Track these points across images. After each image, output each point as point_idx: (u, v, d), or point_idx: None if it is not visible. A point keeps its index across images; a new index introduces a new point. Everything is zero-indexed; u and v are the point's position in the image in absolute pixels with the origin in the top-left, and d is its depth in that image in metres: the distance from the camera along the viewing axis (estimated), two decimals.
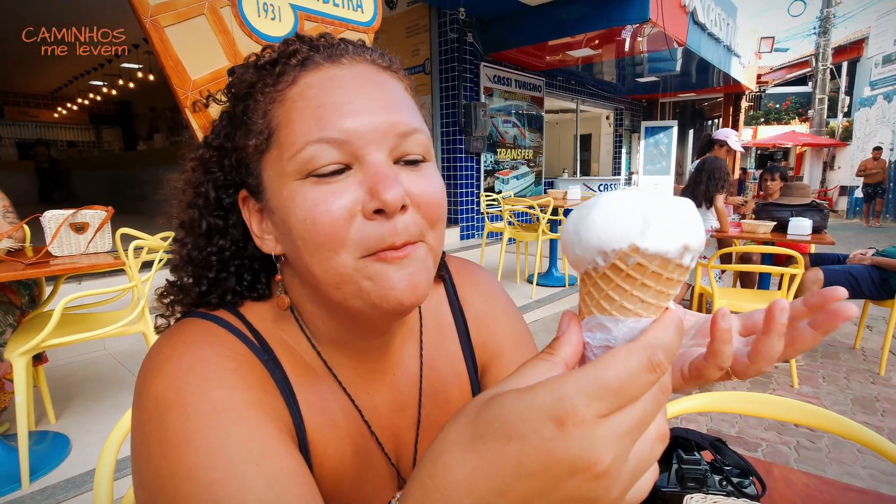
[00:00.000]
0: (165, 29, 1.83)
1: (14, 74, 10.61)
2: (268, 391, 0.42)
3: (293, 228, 0.41)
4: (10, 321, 2.11)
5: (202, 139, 0.50)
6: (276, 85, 0.43)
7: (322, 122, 0.41)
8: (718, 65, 7.20)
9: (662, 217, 0.26)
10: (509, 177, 7.11)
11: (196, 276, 0.48)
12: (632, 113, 10.40)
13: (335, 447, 0.48)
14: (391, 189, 0.39)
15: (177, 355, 0.41)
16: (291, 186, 0.41)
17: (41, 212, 2.05)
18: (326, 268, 0.41)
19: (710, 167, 3.42)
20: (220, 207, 0.48)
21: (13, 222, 2.12)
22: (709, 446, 0.68)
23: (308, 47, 0.45)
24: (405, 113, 0.44)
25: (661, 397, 0.24)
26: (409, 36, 6.52)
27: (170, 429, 0.36)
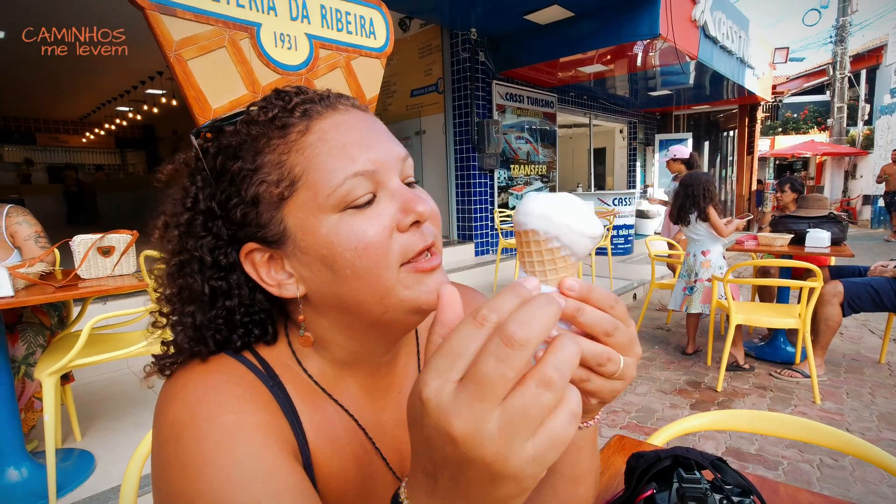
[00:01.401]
0: (188, 62, 1.92)
1: (45, 102, 11.07)
2: (273, 414, 0.45)
3: (341, 258, 0.44)
4: (41, 342, 2.20)
5: (179, 204, 0.49)
6: (287, 136, 0.46)
7: (351, 157, 0.45)
8: (732, 77, 7.17)
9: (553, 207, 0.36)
10: (523, 192, 7.14)
11: (202, 339, 0.49)
12: (646, 126, 10.38)
13: (338, 465, 0.51)
14: (422, 204, 0.47)
15: (191, 384, 0.45)
16: (331, 221, 0.44)
17: (69, 233, 2.15)
18: (375, 286, 0.45)
19: (694, 181, 3.38)
20: (219, 269, 0.49)
21: (45, 247, 2.22)
22: (709, 465, 0.69)
23: (302, 100, 0.49)
24: (398, 143, 0.51)
25: (504, 351, 0.24)
26: (421, 56, 6.66)
27: (185, 451, 0.40)
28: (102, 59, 7.33)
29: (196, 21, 1.92)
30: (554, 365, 0.25)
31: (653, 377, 3.15)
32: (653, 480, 0.69)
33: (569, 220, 0.36)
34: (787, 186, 4.23)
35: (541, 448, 0.25)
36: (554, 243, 0.36)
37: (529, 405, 0.24)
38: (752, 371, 3.16)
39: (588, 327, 0.35)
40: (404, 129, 7.18)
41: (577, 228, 0.36)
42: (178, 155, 0.52)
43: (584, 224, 0.36)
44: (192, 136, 0.50)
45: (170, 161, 0.53)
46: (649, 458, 0.70)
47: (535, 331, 0.25)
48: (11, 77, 8.39)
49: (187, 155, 0.51)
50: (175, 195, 0.50)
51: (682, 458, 0.69)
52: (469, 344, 0.26)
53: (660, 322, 4.31)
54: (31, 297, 1.77)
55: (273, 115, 0.47)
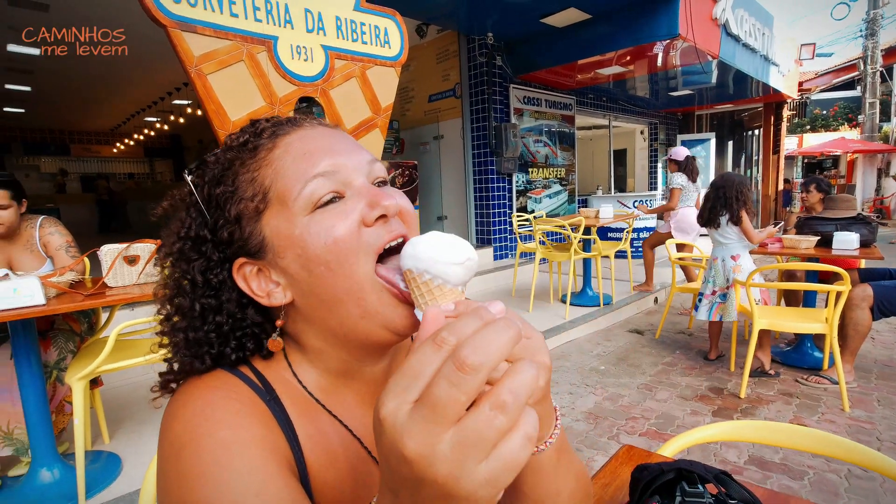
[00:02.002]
0: (208, 76, 1.98)
1: (78, 115, 11.50)
2: (269, 428, 0.47)
3: (314, 256, 0.47)
4: (71, 347, 2.28)
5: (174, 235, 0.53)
6: (256, 155, 0.51)
7: (312, 162, 0.49)
8: (755, 75, 7.00)
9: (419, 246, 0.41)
10: (542, 196, 7.11)
11: (198, 354, 0.52)
12: (667, 126, 10.21)
13: (334, 475, 0.52)
14: (389, 198, 0.49)
15: (191, 400, 0.47)
16: (303, 222, 0.48)
17: (101, 241, 2.23)
18: (350, 282, 0.47)
19: (726, 183, 3.26)
20: (209, 288, 0.52)
21: (75, 256, 2.31)
22: (713, 479, 0.68)
23: (271, 124, 0.53)
24: (365, 151, 0.54)
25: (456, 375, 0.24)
26: (439, 62, 6.70)
27: (184, 465, 0.42)
28: (131, 71, 7.61)
29: (215, 37, 1.98)
30: (509, 388, 0.25)
31: (673, 383, 3.09)
32: (656, 493, 0.68)
33: (432, 253, 0.40)
34: (813, 186, 4.12)
35: (494, 470, 0.25)
36: (425, 276, 0.40)
37: (482, 428, 0.25)
38: (777, 377, 3.08)
39: None
40: (422, 135, 7.22)
41: (442, 259, 0.40)
42: (173, 192, 0.56)
43: (448, 254, 0.40)
44: (185, 174, 0.55)
45: (165, 198, 0.57)
46: (653, 471, 0.70)
47: (488, 356, 0.25)
48: (47, 91, 8.76)
49: (181, 191, 0.55)
50: (172, 227, 0.54)
51: (685, 471, 0.69)
52: (427, 366, 0.26)
53: (681, 326, 4.23)
54: (61, 305, 1.85)
55: (244, 140, 0.52)
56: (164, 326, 0.54)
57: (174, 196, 0.55)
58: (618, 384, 3.12)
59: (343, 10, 2.45)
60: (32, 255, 2.28)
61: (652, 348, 3.74)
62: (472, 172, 6.50)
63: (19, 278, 1.82)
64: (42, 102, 9.65)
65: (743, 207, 3.20)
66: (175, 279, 0.53)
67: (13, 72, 7.37)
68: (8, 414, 2.05)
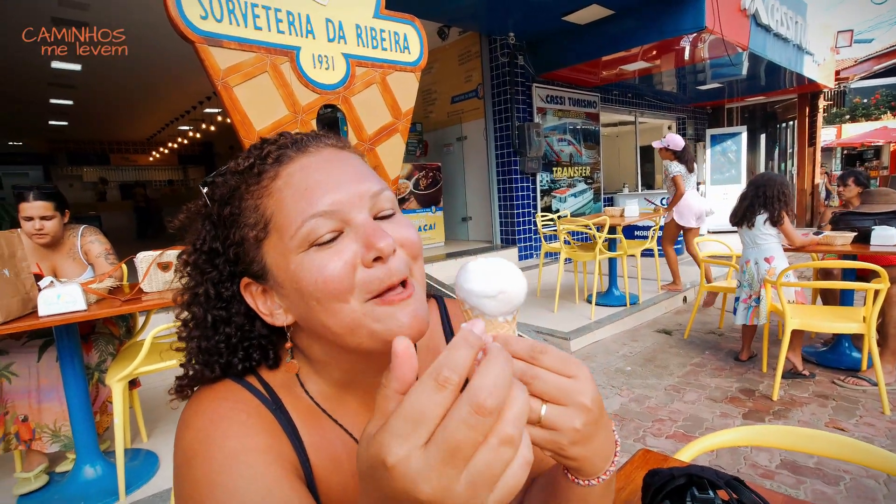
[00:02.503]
0: (234, 88, 2.05)
1: (116, 126, 12.01)
2: (275, 437, 0.50)
3: (306, 292, 0.48)
4: (111, 350, 2.40)
5: (190, 245, 0.56)
6: (260, 182, 0.51)
7: (312, 200, 0.48)
8: (788, 66, 6.77)
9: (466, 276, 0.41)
10: (567, 195, 7.04)
11: (209, 363, 0.55)
12: (696, 121, 9.96)
13: (339, 482, 0.54)
14: (383, 239, 0.47)
15: (201, 410, 0.51)
16: (297, 259, 0.48)
17: (139, 246, 2.34)
18: (340, 318, 0.48)
19: (767, 182, 3.14)
20: (221, 300, 0.54)
21: (113, 263, 2.43)
22: (724, 485, 0.68)
23: (276, 146, 0.53)
24: (370, 179, 0.53)
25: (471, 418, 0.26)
26: (461, 63, 6.72)
27: (196, 472, 0.45)
28: (164, 83, 7.91)
29: (240, 50, 2.05)
30: (512, 422, 0.27)
31: (702, 384, 3.03)
32: (667, 499, 0.68)
33: (469, 286, 0.40)
34: (851, 180, 3.96)
35: (500, 498, 0.27)
36: (466, 306, 0.41)
37: (492, 463, 0.26)
38: (812, 378, 2.98)
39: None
40: (446, 136, 7.26)
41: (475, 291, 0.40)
42: (189, 204, 0.58)
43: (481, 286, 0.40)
44: (200, 187, 0.57)
45: (182, 211, 0.59)
46: (664, 476, 0.70)
47: (503, 396, 0.27)
48: (88, 105, 9.17)
49: (197, 203, 0.57)
50: (191, 236, 0.56)
51: (696, 476, 0.69)
52: (433, 408, 0.26)
53: (711, 326, 4.13)
54: (101, 311, 1.95)
55: (250, 164, 0.53)
56: (182, 332, 0.57)
57: (189, 209, 0.58)
58: (644, 385, 3.07)
59: (363, 19, 2.49)
60: (75, 263, 2.41)
61: (680, 349, 3.67)
62: (495, 173, 6.50)
63: (63, 286, 1.93)
64: (83, 115, 10.11)
65: (784, 208, 3.08)
66: (190, 288, 0.56)
67: (57, 87, 7.75)
68: (55, 413, 2.17)
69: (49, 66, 6.60)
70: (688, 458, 0.95)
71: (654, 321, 4.41)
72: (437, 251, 6.23)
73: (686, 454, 0.96)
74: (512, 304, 0.40)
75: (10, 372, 2.15)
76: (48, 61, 6.40)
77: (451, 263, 5.50)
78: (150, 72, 7.14)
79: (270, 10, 2.15)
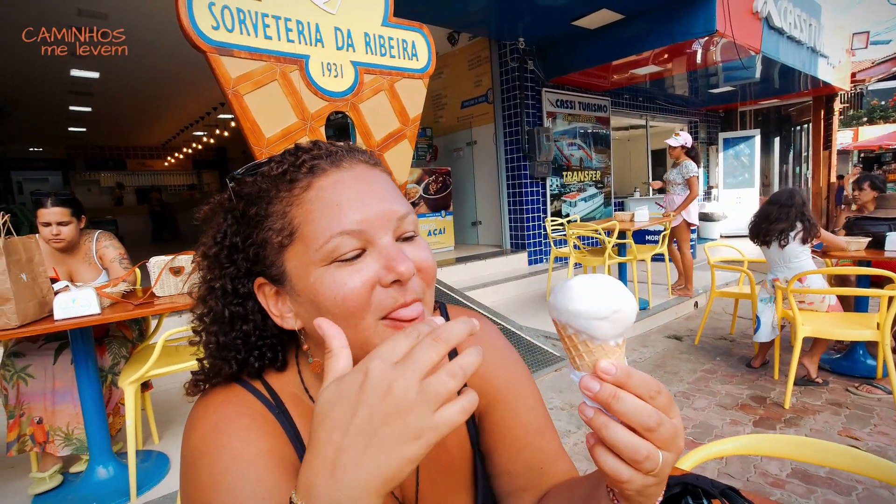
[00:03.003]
0: (244, 96, 2.09)
1: (133, 132, 12.23)
2: (278, 440, 0.52)
3: (323, 306, 0.49)
4: (124, 353, 2.44)
5: (211, 238, 0.57)
6: (292, 190, 0.52)
7: (340, 217, 0.49)
8: (802, 68, 6.68)
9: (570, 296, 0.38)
10: (577, 199, 7.02)
11: (226, 358, 0.56)
12: (708, 124, 9.87)
13: None
14: (404, 263, 0.48)
15: (207, 414, 0.52)
16: (318, 272, 0.49)
17: (155, 250, 2.39)
18: (354, 334, 0.49)
19: (794, 200, 2.97)
20: (237, 296, 0.55)
21: (127, 268, 2.48)
22: (719, 494, 0.68)
23: (311, 156, 0.54)
24: (398, 199, 0.53)
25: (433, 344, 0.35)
26: (471, 68, 6.75)
27: (200, 473, 0.47)
28: (178, 90, 8.05)
29: (250, 59, 2.09)
30: (459, 364, 0.35)
31: (713, 391, 3.00)
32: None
33: (575, 307, 0.36)
34: (867, 184, 3.91)
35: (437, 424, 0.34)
36: (569, 331, 0.38)
37: (440, 387, 0.34)
38: (825, 386, 2.93)
39: (625, 417, 0.36)
40: (456, 141, 7.28)
41: (583, 313, 0.36)
42: (216, 196, 0.59)
43: (591, 306, 0.36)
44: (227, 180, 0.57)
45: (208, 202, 0.60)
46: None
47: (452, 335, 0.36)
48: (105, 111, 9.36)
49: (222, 196, 0.58)
50: (211, 229, 0.57)
51: (691, 485, 0.69)
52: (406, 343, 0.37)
53: (723, 332, 4.09)
54: (114, 314, 1.99)
55: (283, 170, 0.53)
56: (198, 326, 0.58)
57: (214, 201, 0.59)
58: None
59: (371, 27, 2.53)
60: (90, 267, 2.47)
61: (691, 355, 3.64)
62: (505, 177, 6.50)
63: (77, 290, 1.97)
64: (101, 121, 10.32)
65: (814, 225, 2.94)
66: (207, 281, 0.57)
67: (76, 94, 7.94)
68: (68, 416, 2.22)
69: (68, 74, 6.77)
70: (688, 467, 0.95)
71: (665, 327, 4.37)
72: (447, 255, 6.25)
73: (687, 462, 0.95)
74: (625, 325, 0.38)
75: (26, 374, 2.20)
76: (68, 69, 6.57)
77: (461, 268, 5.51)
78: (165, 78, 7.28)
79: (280, 20, 2.19)
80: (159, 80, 7.32)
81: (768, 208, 3.08)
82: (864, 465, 0.88)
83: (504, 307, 4.70)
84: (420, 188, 6.43)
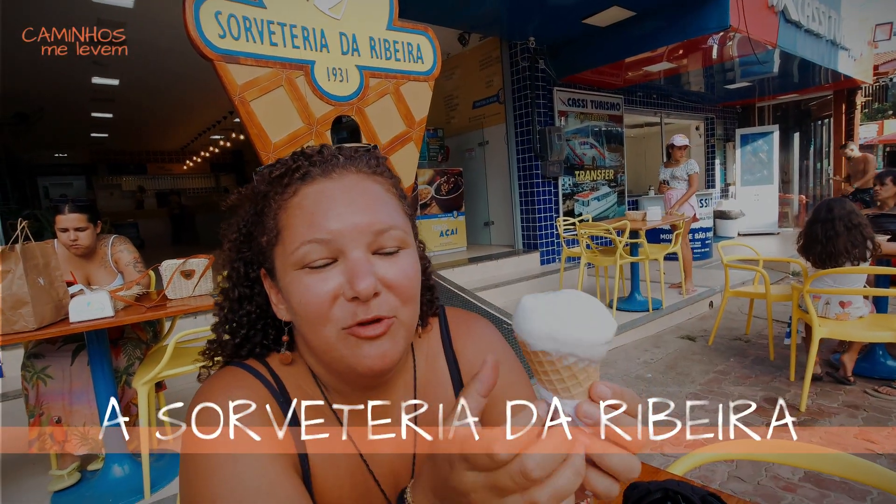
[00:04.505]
0: (251, 102, 2.13)
1: (153, 137, 12.51)
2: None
3: (293, 306, 0.53)
4: (139, 354, 2.50)
5: (235, 224, 0.62)
6: (283, 194, 0.56)
7: (313, 226, 0.52)
8: (821, 62, 6.52)
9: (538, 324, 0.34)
10: (590, 198, 6.96)
11: (232, 332, 0.61)
12: (724, 121, 9.69)
13: (333, 482, 0.57)
14: (364, 281, 0.49)
15: (212, 398, 0.54)
16: (291, 275, 0.53)
17: (174, 252, 2.45)
18: (317, 337, 0.52)
19: (847, 212, 2.69)
20: (248, 280, 0.61)
21: (140, 271, 2.54)
22: (699, 501, 0.68)
23: (308, 163, 0.57)
24: (382, 213, 0.55)
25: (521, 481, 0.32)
26: (481, 69, 6.74)
27: (199, 459, 0.49)
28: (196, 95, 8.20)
29: (256, 65, 2.13)
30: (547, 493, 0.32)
31: (725, 392, 2.95)
32: None
33: (578, 333, 0.33)
34: (889, 179, 3.81)
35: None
36: (569, 360, 0.34)
37: None
38: (846, 385, 2.86)
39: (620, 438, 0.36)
40: (467, 141, 7.28)
41: (588, 340, 0.33)
42: (241, 188, 0.64)
43: (595, 332, 0.34)
44: (254, 173, 0.62)
45: (237, 190, 0.64)
46: (641, 490, 0.71)
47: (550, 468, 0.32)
48: (126, 117, 9.59)
49: (248, 187, 0.62)
50: (237, 216, 0.62)
51: (672, 491, 0.68)
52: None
53: (738, 332, 4.02)
54: (127, 317, 2.05)
55: (281, 174, 0.57)
56: (219, 300, 0.63)
57: (241, 191, 0.63)
58: (665, 393, 3.02)
59: (376, 31, 2.55)
60: (106, 271, 2.54)
61: (704, 355, 3.59)
62: (517, 177, 6.48)
63: (92, 293, 2.03)
64: (122, 127, 10.57)
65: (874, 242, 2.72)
66: (230, 262, 0.62)
67: (98, 101, 8.14)
68: (85, 416, 2.28)
69: (90, 82, 6.95)
70: (681, 472, 0.94)
71: (678, 327, 4.31)
72: (460, 256, 6.25)
73: (679, 467, 0.95)
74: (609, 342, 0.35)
75: (46, 374, 2.27)
76: (89, 77, 6.74)
77: (473, 268, 5.51)
78: (183, 83, 7.42)
79: (286, 27, 2.23)
80: (177, 85, 7.47)
81: (812, 228, 2.81)
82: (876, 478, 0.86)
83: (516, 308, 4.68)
84: (432, 189, 6.45)
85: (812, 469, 0.93)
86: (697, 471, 2.16)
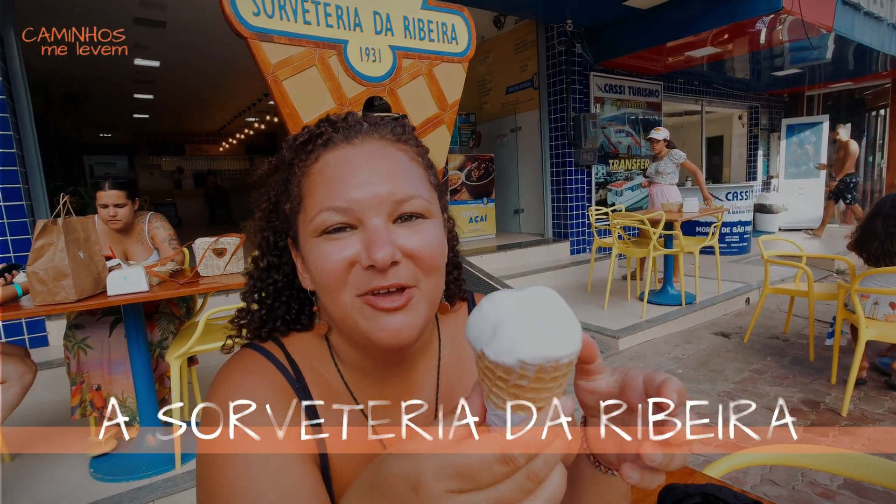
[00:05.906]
0: (283, 81, 2.13)
1: (191, 119, 12.82)
2: (294, 415, 0.52)
3: (312, 273, 0.53)
4: (172, 329, 2.57)
5: (266, 194, 0.62)
6: (306, 161, 0.55)
7: (332, 193, 0.51)
8: (880, 48, 6.10)
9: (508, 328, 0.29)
10: (623, 188, 6.78)
11: (259, 301, 0.61)
12: (770, 110, 9.25)
13: (351, 469, 0.56)
14: (382, 250, 0.48)
15: (228, 381, 0.54)
16: (311, 242, 0.52)
17: (209, 230, 2.50)
18: (334, 305, 0.51)
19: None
20: (276, 249, 0.60)
21: (175, 248, 2.60)
22: None
23: (331, 129, 0.56)
24: (404, 181, 0.53)
25: (529, 485, 0.29)
26: (517, 52, 6.60)
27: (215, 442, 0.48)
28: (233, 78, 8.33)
29: (290, 44, 2.12)
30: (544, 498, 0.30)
31: (760, 392, 2.84)
32: None
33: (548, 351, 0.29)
34: None
35: None
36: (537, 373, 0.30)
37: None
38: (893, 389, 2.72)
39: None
40: (500, 127, 7.18)
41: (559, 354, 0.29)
42: (273, 158, 0.63)
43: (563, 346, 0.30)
44: (283, 143, 0.61)
45: (268, 162, 0.64)
46: (678, 493, 0.67)
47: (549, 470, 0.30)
48: (166, 99, 9.84)
49: (281, 156, 0.61)
50: (268, 187, 0.62)
51: (712, 496, 0.64)
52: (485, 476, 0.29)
53: (776, 330, 3.86)
54: (161, 292, 2.09)
55: (304, 140, 0.57)
56: (250, 268, 0.63)
57: (272, 161, 0.63)
58: (695, 390, 2.93)
59: (411, 10, 2.50)
60: (143, 247, 2.60)
61: (738, 353, 3.46)
62: (549, 165, 6.36)
63: (129, 268, 2.08)
64: (162, 109, 10.86)
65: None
66: (262, 230, 0.61)
67: (139, 83, 8.37)
68: (123, 384, 2.37)
69: (133, 64, 7.12)
70: (717, 474, 0.89)
71: (712, 323, 4.17)
72: (489, 243, 6.21)
73: (715, 470, 0.90)
74: None
75: (86, 345, 2.36)
76: (132, 59, 6.91)
77: (502, 256, 5.47)
78: (221, 66, 7.54)
79: (320, 5, 2.21)
80: (215, 67, 7.60)
81: (872, 223, 2.64)
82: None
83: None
84: (462, 175, 6.40)
85: (853, 477, 0.87)
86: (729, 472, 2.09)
